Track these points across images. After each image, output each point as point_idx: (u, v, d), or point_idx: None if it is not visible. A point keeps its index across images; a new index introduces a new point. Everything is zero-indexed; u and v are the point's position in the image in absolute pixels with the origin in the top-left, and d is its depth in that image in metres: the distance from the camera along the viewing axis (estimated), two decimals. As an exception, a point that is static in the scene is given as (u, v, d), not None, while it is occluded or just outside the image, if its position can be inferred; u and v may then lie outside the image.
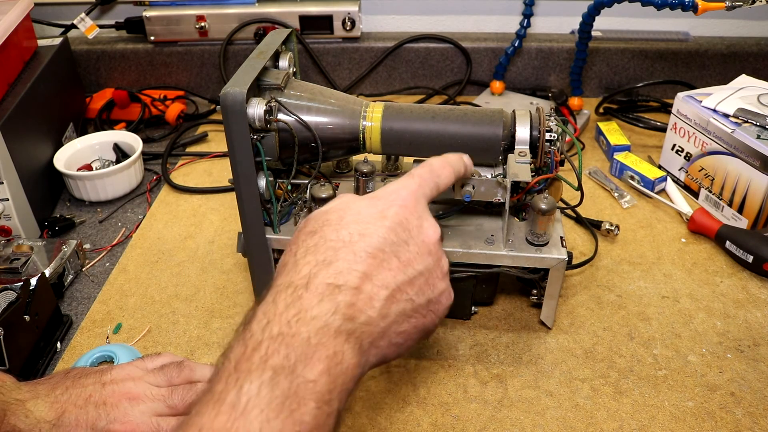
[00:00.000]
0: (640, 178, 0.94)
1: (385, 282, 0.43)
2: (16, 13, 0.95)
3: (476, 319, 0.73)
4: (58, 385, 0.53)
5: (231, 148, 0.61)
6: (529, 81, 1.23)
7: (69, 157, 0.97)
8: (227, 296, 0.77)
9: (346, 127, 0.65)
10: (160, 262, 0.83)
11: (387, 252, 0.44)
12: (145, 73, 1.23)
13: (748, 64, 1.19)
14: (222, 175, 1.02)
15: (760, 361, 0.67)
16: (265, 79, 0.64)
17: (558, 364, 0.67)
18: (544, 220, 0.63)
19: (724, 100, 0.88)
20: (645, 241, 0.85)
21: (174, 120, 1.13)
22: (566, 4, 1.22)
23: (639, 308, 0.74)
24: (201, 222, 0.91)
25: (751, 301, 0.75)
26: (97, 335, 0.72)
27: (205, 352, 0.70)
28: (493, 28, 1.27)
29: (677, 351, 0.69)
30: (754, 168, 0.81)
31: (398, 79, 1.24)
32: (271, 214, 0.67)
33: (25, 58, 0.99)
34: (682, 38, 1.21)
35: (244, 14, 1.17)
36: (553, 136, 0.63)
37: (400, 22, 1.27)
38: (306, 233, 0.45)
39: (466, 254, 0.65)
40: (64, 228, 0.90)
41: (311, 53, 1.21)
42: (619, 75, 1.21)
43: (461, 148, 0.65)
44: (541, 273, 0.67)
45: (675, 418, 0.61)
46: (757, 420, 0.61)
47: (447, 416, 0.62)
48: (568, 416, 0.62)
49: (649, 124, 1.08)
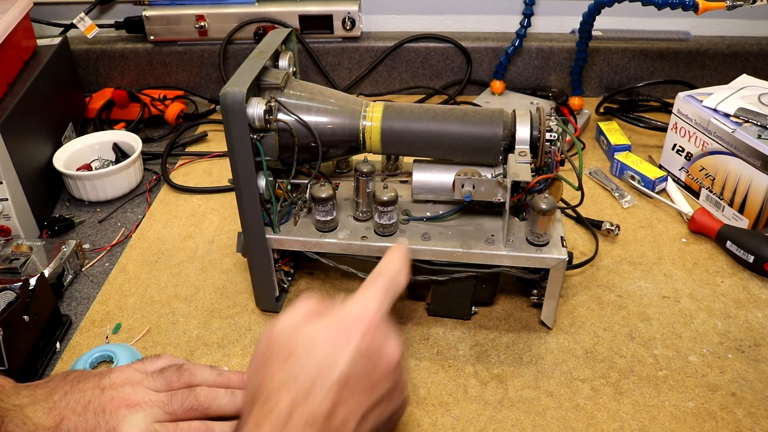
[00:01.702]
0: (640, 178, 0.94)
1: (354, 408, 0.46)
2: (15, 12, 0.95)
3: (476, 319, 0.73)
4: (57, 390, 0.52)
5: (231, 148, 0.61)
6: (529, 81, 1.23)
7: (68, 157, 0.97)
8: (227, 296, 0.77)
9: (346, 126, 0.65)
10: (160, 262, 0.83)
11: (355, 379, 0.46)
12: (145, 72, 1.23)
13: (749, 63, 1.19)
14: (222, 175, 1.02)
15: (761, 361, 0.67)
16: (265, 78, 0.64)
17: (558, 364, 0.67)
18: (545, 220, 0.63)
19: (725, 100, 0.87)
20: (645, 241, 0.85)
21: (173, 120, 1.13)
22: (567, 4, 1.22)
23: (639, 308, 0.74)
24: (200, 222, 0.91)
25: (751, 302, 0.75)
26: (97, 335, 0.72)
27: (205, 352, 0.70)
28: (493, 28, 1.27)
29: (678, 351, 0.69)
30: (755, 168, 0.81)
31: (398, 78, 1.24)
32: (271, 214, 0.66)
33: (25, 57, 0.98)
34: (683, 38, 1.20)
35: (244, 14, 1.17)
36: (554, 135, 0.63)
37: (400, 21, 1.27)
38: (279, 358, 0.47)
39: (466, 254, 0.65)
40: (64, 228, 0.90)
41: (311, 53, 1.20)
42: (619, 75, 1.21)
43: (461, 147, 0.65)
44: (541, 273, 0.67)
45: (676, 418, 0.61)
46: (758, 420, 0.61)
47: (447, 416, 0.62)
48: (569, 417, 0.62)
49: (649, 124, 1.08)
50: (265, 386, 0.46)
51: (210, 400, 0.55)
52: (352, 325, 0.47)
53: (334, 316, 0.49)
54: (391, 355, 0.48)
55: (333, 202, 0.66)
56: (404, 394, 0.51)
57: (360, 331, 0.47)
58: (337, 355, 0.46)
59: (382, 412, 0.48)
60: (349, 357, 0.46)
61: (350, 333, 0.47)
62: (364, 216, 0.69)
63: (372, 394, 0.47)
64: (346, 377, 0.45)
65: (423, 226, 0.68)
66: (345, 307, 0.49)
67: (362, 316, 0.48)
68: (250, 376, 0.48)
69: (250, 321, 0.73)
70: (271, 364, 0.47)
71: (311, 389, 0.44)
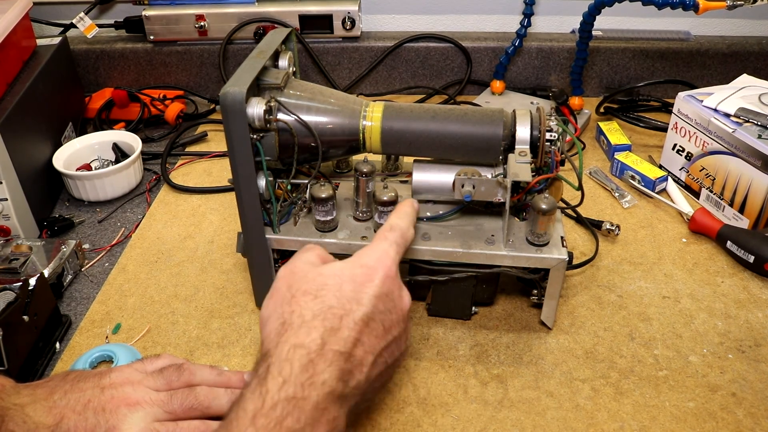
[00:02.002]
0: (640, 178, 0.94)
1: (372, 348, 0.48)
2: (15, 12, 0.95)
3: (476, 320, 0.73)
4: (57, 389, 0.52)
5: (231, 148, 0.61)
6: (529, 80, 1.23)
7: (68, 157, 0.97)
8: (227, 296, 0.77)
9: (345, 126, 0.65)
10: (160, 262, 0.83)
11: (375, 320, 0.49)
12: (145, 72, 1.23)
13: (749, 63, 1.19)
14: (222, 175, 1.02)
15: (762, 361, 0.67)
16: (265, 78, 0.64)
17: (558, 364, 0.67)
18: (545, 220, 0.63)
19: (725, 100, 0.87)
20: (646, 241, 0.85)
21: (173, 120, 1.13)
22: (567, 4, 1.22)
23: (640, 308, 0.74)
24: (200, 222, 0.91)
25: (752, 302, 0.75)
26: (97, 335, 0.72)
27: (205, 352, 0.70)
28: (493, 28, 1.26)
29: (678, 351, 0.69)
30: (756, 168, 0.81)
31: (398, 78, 1.24)
32: (271, 214, 0.66)
33: (24, 57, 0.98)
34: (683, 38, 1.20)
35: (244, 13, 1.17)
36: (554, 135, 0.63)
37: (400, 21, 1.27)
38: (308, 293, 0.49)
39: (466, 254, 0.65)
40: (63, 228, 0.90)
41: (311, 53, 1.20)
42: (619, 74, 1.21)
43: (461, 147, 0.65)
44: (541, 273, 0.67)
45: (676, 418, 0.61)
46: (759, 420, 0.61)
47: (447, 417, 0.62)
48: (569, 417, 0.61)
49: (649, 124, 1.08)
50: (294, 319, 0.47)
51: (210, 400, 0.55)
52: (373, 269, 0.50)
53: (355, 260, 0.51)
54: (404, 303, 0.52)
55: (333, 202, 0.66)
56: (407, 344, 0.53)
57: (380, 276, 0.50)
58: (362, 295, 0.49)
59: (389, 358, 0.50)
60: (372, 298, 0.49)
61: (371, 276, 0.50)
62: (364, 216, 0.69)
63: (385, 337, 0.49)
64: (369, 317, 0.48)
65: (423, 226, 0.68)
66: (364, 254, 0.52)
67: (382, 262, 0.51)
68: (272, 311, 0.49)
69: (250, 321, 0.73)
70: (299, 299, 0.48)
71: (340, 325, 0.47)
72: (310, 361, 0.44)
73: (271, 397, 0.42)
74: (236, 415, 0.42)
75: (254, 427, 0.41)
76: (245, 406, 0.42)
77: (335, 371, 0.44)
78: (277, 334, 0.47)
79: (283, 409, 0.41)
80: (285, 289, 0.50)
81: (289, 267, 0.52)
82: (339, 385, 0.44)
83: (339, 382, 0.44)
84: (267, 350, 0.46)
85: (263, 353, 0.47)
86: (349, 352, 0.46)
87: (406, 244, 0.55)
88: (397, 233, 0.54)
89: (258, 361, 0.47)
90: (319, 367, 0.44)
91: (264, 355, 0.46)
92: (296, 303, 0.48)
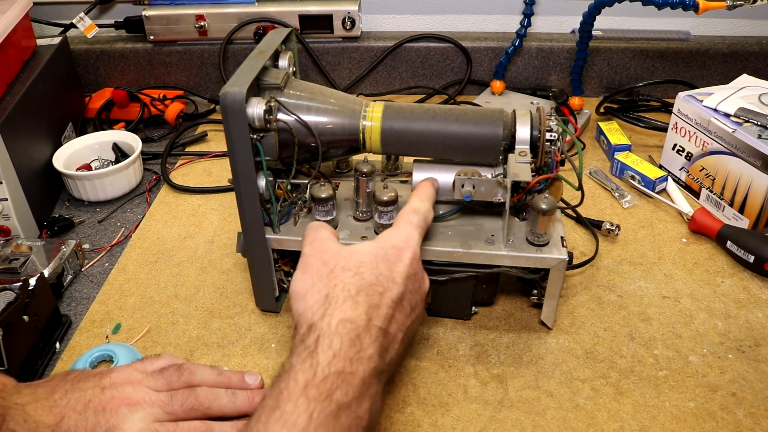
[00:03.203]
0: (640, 178, 0.94)
1: (401, 325, 0.50)
2: (15, 12, 0.95)
3: (476, 320, 0.73)
4: (57, 389, 0.52)
5: (231, 148, 0.61)
6: (529, 80, 1.23)
7: (68, 157, 0.97)
8: (227, 296, 0.77)
9: (345, 126, 0.65)
10: (160, 262, 0.83)
11: (405, 299, 0.51)
12: (145, 72, 1.23)
13: (749, 63, 1.19)
14: (222, 175, 1.02)
15: (762, 361, 0.67)
16: (265, 78, 0.64)
17: (558, 364, 0.67)
18: (545, 220, 0.63)
19: (725, 100, 0.87)
20: (646, 241, 0.85)
21: (173, 120, 1.13)
22: (567, 4, 1.22)
23: (640, 308, 0.74)
24: (200, 222, 0.91)
25: (752, 302, 0.75)
26: (97, 335, 0.72)
27: (205, 352, 0.70)
28: (493, 28, 1.26)
29: (678, 351, 0.69)
30: (756, 168, 0.81)
31: (398, 78, 1.24)
32: (271, 214, 0.66)
33: (24, 57, 0.98)
34: (683, 38, 1.20)
35: (244, 13, 1.17)
36: (554, 135, 0.63)
37: (400, 21, 1.27)
38: (347, 268, 0.50)
39: (466, 254, 0.65)
40: (63, 228, 0.90)
41: (311, 53, 1.20)
42: (619, 74, 1.21)
43: (461, 147, 0.65)
44: (541, 273, 0.67)
45: (676, 418, 0.61)
46: (759, 421, 0.61)
47: (447, 417, 0.62)
48: (569, 417, 0.61)
49: (649, 124, 1.08)
50: (338, 292, 0.49)
51: (210, 400, 0.55)
52: (403, 250, 0.52)
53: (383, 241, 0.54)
54: (426, 284, 0.55)
55: (333, 202, 0.66)
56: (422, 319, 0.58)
57: (409, 257, 0.53)
58: (395, 274, 0.51)
59: (410, 335, 0.53)
60: (404, 278, 0.51)
61: (402, 256, 0.52)
62: (364, 216, 0.69)
63: (410, 315, 0.52)
64: (401, 296, 0.50)
65: (423, 226, 0.68)
66: (391, 235, 0.54)
67: (409, 244, 0.53)
68: (309, 285, 0.50)
69: (250, 321, 0.73)
70: (338, 274, 0.50)
71: (380, 302, 0.49)
72: (357, 336, 0.45)
73: (322, 369, 0.43)
74: (287, 385, 0.43)
75: (305, 397, 0.42)
76: (296, 377, 0.43)
77: (377, 347, 0.46)
78: (321, 306, 0.48)
79: (333, 383, 0.43)
80: (320, 264, 0.51)
81: (316, 244, 0.54)
82: (380, 361, 0.46)
83: (380, 358, 0.46)
84: (312, 322, 0.47)
85: (308, 324, 0.48)
86: (386, 329, 0.48)
87: (428, 226, 0.57)
88: (420, 216, 0.56)
89: (300, 332, 0.48)
90: (365, 342, 0.46)
91: (310, 327, 0.47)
92: (336, 278, 0.50)
